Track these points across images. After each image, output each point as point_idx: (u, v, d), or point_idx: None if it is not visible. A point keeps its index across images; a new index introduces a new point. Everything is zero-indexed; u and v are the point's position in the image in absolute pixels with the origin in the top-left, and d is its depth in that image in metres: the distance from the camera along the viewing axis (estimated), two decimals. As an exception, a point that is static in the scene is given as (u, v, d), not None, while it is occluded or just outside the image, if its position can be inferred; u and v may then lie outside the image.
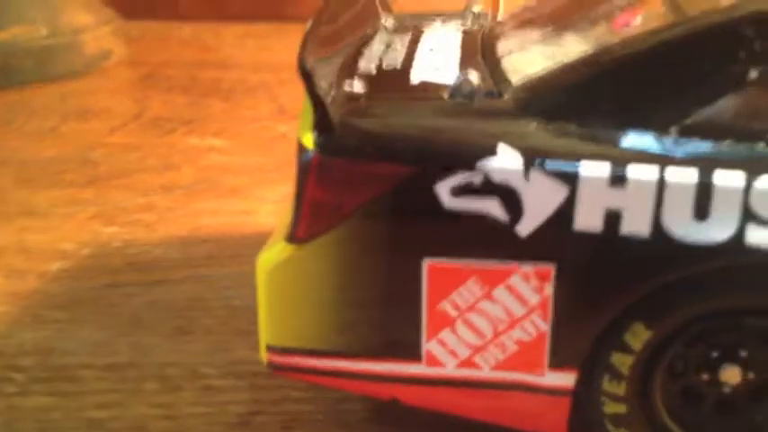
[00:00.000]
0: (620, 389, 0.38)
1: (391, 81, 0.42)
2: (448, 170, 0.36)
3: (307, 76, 0.37)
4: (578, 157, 0.36)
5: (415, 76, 0.42)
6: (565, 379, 0.38)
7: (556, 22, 0.46)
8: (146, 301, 0.59)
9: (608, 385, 0.38)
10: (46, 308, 0.58)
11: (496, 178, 0.36)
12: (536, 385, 0.38)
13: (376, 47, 0.48)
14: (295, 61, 0.37)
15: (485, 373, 0.39)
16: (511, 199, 0.36)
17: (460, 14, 0.55)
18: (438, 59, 0.45)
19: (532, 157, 0.36)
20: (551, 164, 0.36)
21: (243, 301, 0.59)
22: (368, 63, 0.45)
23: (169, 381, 0.50)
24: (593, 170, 0.36)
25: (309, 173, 0.37)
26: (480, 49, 0.46)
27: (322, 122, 0.37)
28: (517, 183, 0.36)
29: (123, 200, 0.76)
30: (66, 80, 1.13)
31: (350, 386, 0.40)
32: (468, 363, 0.39)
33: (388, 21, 0.54)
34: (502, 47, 0.46)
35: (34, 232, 0.70)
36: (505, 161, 0.36)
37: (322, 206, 0.37)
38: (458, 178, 0.36)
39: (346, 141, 0.37)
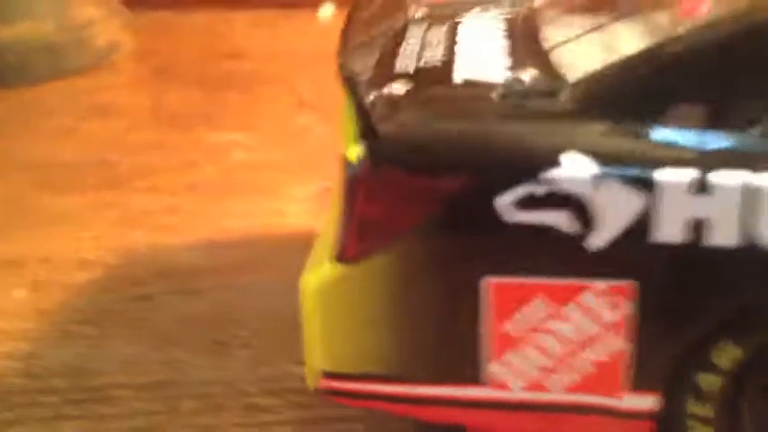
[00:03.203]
0: (708, 411, 0.35)
1: (433, 81, 0.39)
2: (509, 181, 0.33)
3: (350, 83, 0.34)
4: (656, 162, 0.33)
5: (458, 74, 0.39)
6: (646, 402, 0.35)
7: (607, 8, 0.43)
8: (177, 314, 0.56)
9: (694, 407, 0.35)
10: (74, 323, 0.56)
11: (565, 188, 0.33)
12: (614, 408, 0.36)
13: (411, 41, 0.45)
14: (309, 49, 0.34)
15: (555, 395, 0.36)
16: (581, 210, 0.33)
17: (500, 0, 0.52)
18: (480, 53, 0.42)
19: (605, 164, 0.33)
20: (626, 171, 0.33)
21: (279, 312, 0.56)
22: (405, 61, 0.42)
23: (210, 399, 0.48)
24: (673, 176, 0.33)
25: (357, 188, 0.34)
26: (523, 41, 0.43)
27: (367, 133, 0.34)
28: (588, 193, 0.33)
29: (147, 202, 0.73)
30: (78, 76, 1.10)
31: (413, 412, 0.38)
32: (535, 385, 0.36)
33: (419, 11, 0.51)
34: (547, 37, 0.42)
35: (57, 240, 0.68)
36: (575, 169, 0.33)
37: (372, 223, 0.34)
38: (521, 190, 0.33)
39: (395, 153, 0.34)
